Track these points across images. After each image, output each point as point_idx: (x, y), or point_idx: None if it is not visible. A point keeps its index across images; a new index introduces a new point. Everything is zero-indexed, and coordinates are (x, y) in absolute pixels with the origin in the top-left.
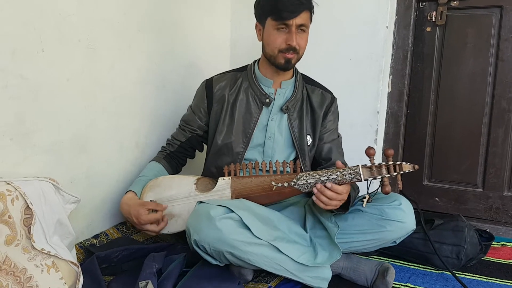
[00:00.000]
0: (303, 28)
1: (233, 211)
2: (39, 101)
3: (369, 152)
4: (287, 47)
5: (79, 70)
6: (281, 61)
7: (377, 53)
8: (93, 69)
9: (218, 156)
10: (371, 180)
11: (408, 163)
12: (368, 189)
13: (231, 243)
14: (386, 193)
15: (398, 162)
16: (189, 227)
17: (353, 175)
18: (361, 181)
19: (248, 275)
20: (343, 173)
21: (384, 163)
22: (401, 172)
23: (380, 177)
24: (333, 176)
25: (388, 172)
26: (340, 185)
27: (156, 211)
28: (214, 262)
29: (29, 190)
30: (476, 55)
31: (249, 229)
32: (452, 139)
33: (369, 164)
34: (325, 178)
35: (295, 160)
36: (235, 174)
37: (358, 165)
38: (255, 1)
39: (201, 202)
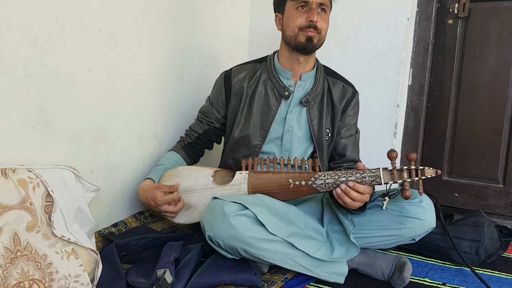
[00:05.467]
0: (323, 7)
1: (247, 208)
2: (60, 90)
3: (391, 155)
4: (308, 24)
5: (100, 60)
6: (302, 39)
7: (397, 46)
8: (114, 59)
9: (235, 149)
10: (391, 183)
11: (431, 168)
12: (387, 190)
13: (245, 240)
14: (406, 198)
15: (421, 167)
16: (204, 222)
17: (373, 178)
18: (381, 184)
19: (264, 267)
20: (363, 175)
21: (406, 167)
22: (423, 177)
23: (401, 181)
24: (352, 178)
25: (410, 176)
26: None
27: (171, 193)
28: (229, 256)
29: (50, 178)
30: (499, 48)
31: (263, 225)
32: (473, 133)
33: (390, 167)
34: (344, 179)
35: (312, 154)
36: (252, 168)
37: (379, 168)
38: None
39: (215, 198)
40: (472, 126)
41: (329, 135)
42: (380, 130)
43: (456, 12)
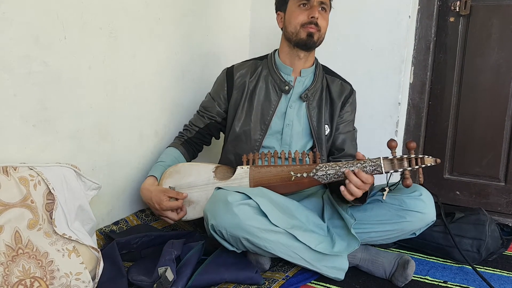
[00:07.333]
0: (324, 6)
1: (250, 198)
2: (61, 88)
3: (391, 144)
4: (310, 20)
5: (101, 58)
6: (303, 35)
7: (399, 43)
8: (115, 57)
9: (236, 143)
10: (392, 172)
11: (430, 157)
12: (387, 181)
13: (247, 229)
14: (407, 187)
15: (420, 155)
16: (207, 212)
17: (374, 167)
18: (382, 173)
19: (265, 264)
20: (364, 165)
21: (406, 156)
22: (423, 166)
23: (401, 170)
24: (354, 168)
25: (410, 165)
26: None
27: (177, 199)
28: (231, 248)
29: (51, 176)
30: (501, 46)
31: (266, 216)
32: (474, 131)
33: (390, 156)
34: (345, 169)
35: (312, 149)
36: (253, 163)
37: (380, 157)
38: None
39: (219, 188)
40: (474, 124)
41: (328, 130)
42: (382, 128)
43: (457, 10)
